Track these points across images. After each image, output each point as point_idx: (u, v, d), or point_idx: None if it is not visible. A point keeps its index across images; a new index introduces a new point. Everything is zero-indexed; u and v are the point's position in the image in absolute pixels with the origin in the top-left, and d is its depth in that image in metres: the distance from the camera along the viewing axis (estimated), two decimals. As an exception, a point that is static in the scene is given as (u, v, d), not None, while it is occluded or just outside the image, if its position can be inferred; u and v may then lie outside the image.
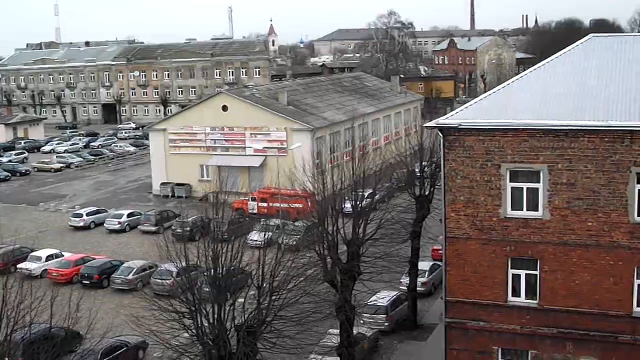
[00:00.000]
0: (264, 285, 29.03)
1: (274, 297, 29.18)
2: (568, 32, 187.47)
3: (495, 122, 30.04)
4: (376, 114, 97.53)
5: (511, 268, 30.91)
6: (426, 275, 51.91)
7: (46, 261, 59.59)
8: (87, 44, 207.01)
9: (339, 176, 38.00)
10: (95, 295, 52.76)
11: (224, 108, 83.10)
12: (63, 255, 60.78)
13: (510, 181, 30.30)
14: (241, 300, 30.55)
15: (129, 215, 73.57)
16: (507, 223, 30.48)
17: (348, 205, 38.57)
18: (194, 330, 28.42)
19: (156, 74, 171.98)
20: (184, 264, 29.35)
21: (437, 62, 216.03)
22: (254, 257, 29.63)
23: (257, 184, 79.70)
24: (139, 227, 71.95)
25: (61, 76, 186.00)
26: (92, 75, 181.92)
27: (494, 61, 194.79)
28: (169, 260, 30.47)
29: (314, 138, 79.00)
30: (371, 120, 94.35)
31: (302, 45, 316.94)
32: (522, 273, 30.86)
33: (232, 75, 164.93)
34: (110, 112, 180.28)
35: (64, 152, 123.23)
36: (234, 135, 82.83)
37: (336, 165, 47.22)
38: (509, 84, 33.19)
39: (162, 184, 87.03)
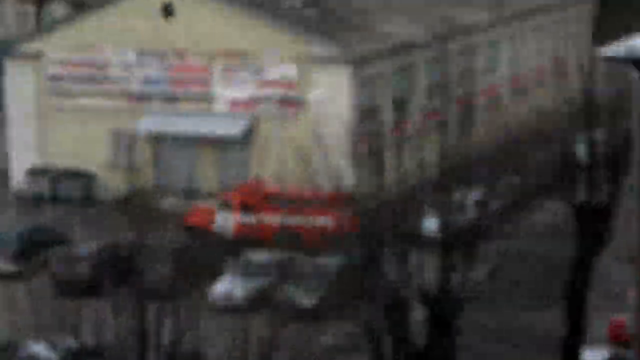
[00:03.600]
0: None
1: None
2: None
3: None
4: (494, 30, 64.77)
5: None
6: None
7: None
8: None
9: (413, 161, 30.91)
10: None
11: (167, 11, 54.23)
12: None
13: None
14: None
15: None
16: None
17: (431, 224, 27.27)
18: None
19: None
20: (74, 345, 21.73)
21: None
22: (224, 332, 22.31)
23: (235, 175, 53.01)
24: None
25: None
26: None
27: None
28: (44, 340, 23.64)
29: (358, 78, 50.99)
30: (483, 42, 63.26)
31: None
32: None
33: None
34: None
35: None
36: (188, 71, 53.89)
37: (407, 138, 35.98)
38: None
39: (33, 171, 57.24)
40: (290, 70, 51.65)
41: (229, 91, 52.18)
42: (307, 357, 25.67)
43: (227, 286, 38.29)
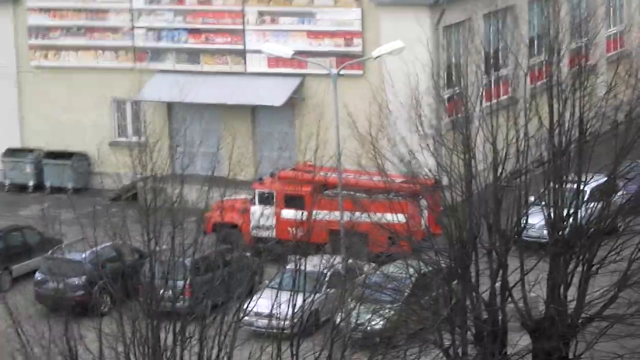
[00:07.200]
0: None
1: None
2: None
3: None
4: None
5: None
6: None
7: None
8: None
9: (514, 137, 25.26)
10: None
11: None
12: None
13: None
14: None
15: None
16: None
17: (536, 220, 27.36)
18: None
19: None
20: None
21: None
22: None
23: (276, 157, 45.31)
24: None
25: None
26: None
27: None
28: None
29: (442, 27, 44.22)
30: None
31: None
32: None
33: None
34: None
35: None
36: (216, 17, 46.54)
37: (505, 105, 27.70)
38: None
39: (9, 152, 49.43)
40: (351, 16, 44.05)
41: (268, 44, 43.11)
42: None
43: (267, 303, 28.96)
